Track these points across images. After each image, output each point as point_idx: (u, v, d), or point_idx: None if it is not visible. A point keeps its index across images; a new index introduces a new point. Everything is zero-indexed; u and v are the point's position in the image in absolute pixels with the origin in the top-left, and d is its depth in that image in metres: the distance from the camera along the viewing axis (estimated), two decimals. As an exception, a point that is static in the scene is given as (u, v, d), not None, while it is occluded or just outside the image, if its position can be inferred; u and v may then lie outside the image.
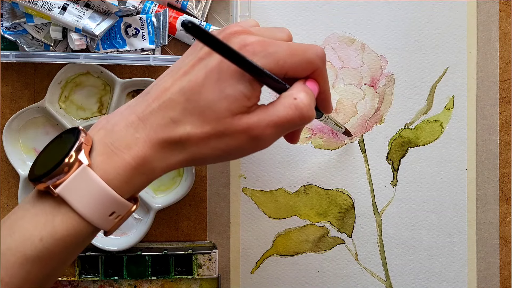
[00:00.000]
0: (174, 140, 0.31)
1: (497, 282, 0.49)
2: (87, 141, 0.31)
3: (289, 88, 0.33)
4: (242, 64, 0.30)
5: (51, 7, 0.42)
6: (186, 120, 0.31)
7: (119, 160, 0.30)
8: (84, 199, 0.30)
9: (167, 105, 0.31)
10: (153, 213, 0.47)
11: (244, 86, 0.31)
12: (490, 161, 0.49)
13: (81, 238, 0.31)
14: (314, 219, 0.49)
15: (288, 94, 0.32)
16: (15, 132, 0.47)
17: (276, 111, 0.31)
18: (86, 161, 0.30)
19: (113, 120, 0.32)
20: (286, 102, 0.32)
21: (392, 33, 0.49)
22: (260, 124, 0.31)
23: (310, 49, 0.33)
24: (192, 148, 0.31)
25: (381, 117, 0.49)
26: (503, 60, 0.49)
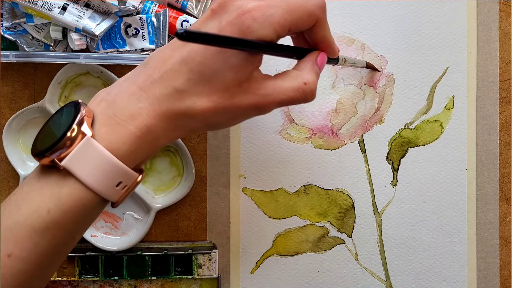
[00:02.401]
0: (180, 112, 0.31)
1: (497, 282, 0.49)
2: (89, 113, 0.31)
3: (300, 65, 0.34)
4: (248, 47, 0.30)
5: (51, 7, 0.42)
6: (192, 90, 0.30)
7: (123, 130, 0.30)
8: (90, 170, 0.30)
9: (169, 76, 0.31)
10: (153, 213, 0.47)
11: (247, 53, 0.31)
12: (490, 161, 0.49)
13: (89, 209, 0.30)
14: (314, 219, 0.49)
15: (300, 75, 0.33)
16: (15, 132, 0.47)
17: (285, 90, 0.32)
18: (90, 132, 0.30)
19: (113, 91, 0.32)
20: (296, 84, 0.33)
21: (392, 33, 0.49)
22: (266, 99, 0.32)
23: (309, 1, 0.32)
24: (198, 118, 0.31)
25: (381, 117, 0.49)
26: (503, 60, 0.49)
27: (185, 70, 0.30)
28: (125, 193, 0.32)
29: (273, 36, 0.31)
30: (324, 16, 0.34)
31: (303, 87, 0.33)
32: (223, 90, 0.31)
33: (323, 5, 0.33)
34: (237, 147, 0.48)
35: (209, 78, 0.30)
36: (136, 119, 0.30)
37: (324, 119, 0.49)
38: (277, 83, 0.32)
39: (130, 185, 0.31)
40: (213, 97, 0.31)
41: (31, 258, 0.30)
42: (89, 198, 0.30)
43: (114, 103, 0.31)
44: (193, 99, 0.30)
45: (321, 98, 0.49)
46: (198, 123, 0.31)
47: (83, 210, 0.30)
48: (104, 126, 0.30)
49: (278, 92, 0.32)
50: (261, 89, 0.32)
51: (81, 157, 0.30)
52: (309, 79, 0.33)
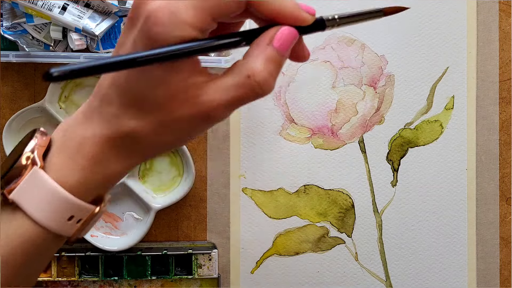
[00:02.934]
0: (122, 136, 0.28)
1: (497, 282, 0.49)
2: (44, 142, 0.29)
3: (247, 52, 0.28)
4: (147, 63, 0.26)
5: (51, 7, 0.42)
6: (127, 114, 0.28)
7: (72, 161, 0.29)
8: (37, 203, 0.28)
9: (105, 101, 0.29)
10: (153, 213, 0.47)
11: (169, 62, 0.27)
12: (490, 161, 0.49)
13: (41, 246, 0.29)
14: (314, 219, 0.49)
15: (243, 67, 0.28)
16: (15, 132, 0.47)
17: (227, 89, 0.27)
18: (39, 163, 0.28)
19: (69, 120, 0.30)
20: (237, 79, 0.27)
21: (392, 33, 0.49)
22: (209, 106, 0.27)
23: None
24: (143, 141, 0.29)
25: (381, 117, 0.49)
26: (503, 60, 0.49)
27: (115, 94, 0.28)
28: (81, 227, 0.29)
29: (192, 33, 0.26)
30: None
31: (247, 81, 0.27)
32: (158, 108, 0.28)
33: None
34: (237, 147, 0.48)
35: (140, 99, 0.28)
36: (83, 149, 0.29)
37: (324, 119, 0.49)
38: (219, 84, 0.28)
39: (86, 219, 0.29)
40: (149, 118, 0.28)
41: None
42: (39, 233, 0.28)
43: (66, 131, 0.30)
44: (130, 122, 0.28)
45: (321, 98, 0.49)
46: (147, 147, 0.29)
47: (34, 246, 0.28)
48: (56, 157, 0.29)
49: (220, 94, 0.27)
50: (202, 96, 0.27)
51: (28, 189, 0.28)
52: (255, 68, 0.27)
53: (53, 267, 0.47)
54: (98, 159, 0.29)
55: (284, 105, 0.49)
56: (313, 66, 0.49)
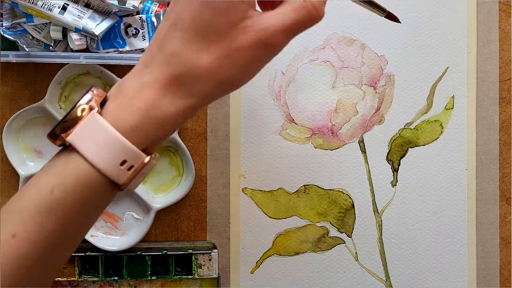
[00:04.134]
0: (183, 74, 0.29)
1: (497, 282, 0.49)
2: (100, 93, 0.30)
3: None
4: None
5: (51, 7, 0.42)
6: (189, 50, 0.29)
7: (129, 106, 0.29)
8: (93, 145, 0.29)
9: (164, 43, 0.30)
10: (153, 213, 0.47)
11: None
12: (490, 161, 0.49)
13: (94, 191, 0.29)
14: (314, 219, 0.49)
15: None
16: (15, 132, 0.47)
17: (285, 14, 0.29)
18: (96, 108, 0.29)
19: (126, 76, 0.31)
20: (295, 4, 0.30)
21: (392, 33, 0.49)
22: (268, 31, 0.29)
23: None
24: (205, 77, 0.29)
25: (381, 117, 0.49)
26: (503, 60, 0.49)
27: (177, 32, 0.29)
28: (132, 174, 0.30)
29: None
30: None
31: (304, 4, 0.29)
32: (220, 38, 0.29)
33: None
34: (237, 147, 0.48)
35: (203, 31, 0.29)
36: (141, 94, 0.29)
37: (324, 119, 0.49)
38: (275, 12, 0.30)
39: (138, 167, 0.30)
40: (212, 49, 0.29)
41: (36, 240, 0.29)
42: (93, 176, 0.29)
43: (122, 84, 0.31)
44: (193, 58, 0.29)
45: (321, 98, 0.49)
46: (207, 83, 0.29)
47: (88, 190, 0.29)
48: (112, 103, 0.30)
49: (278, 19, 0.29)
50: (260, 24, 0.29)
51: (85, 132, 0.29)
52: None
53: (53, 267, 0.47)
54: (155, 102, 0.29)
55: (284, 105, 0.49)
56: (313, 66, 0.49)
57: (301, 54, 0.49)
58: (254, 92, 0.48)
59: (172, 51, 0.29)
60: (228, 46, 0.29)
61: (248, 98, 0.48)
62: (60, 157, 0.30)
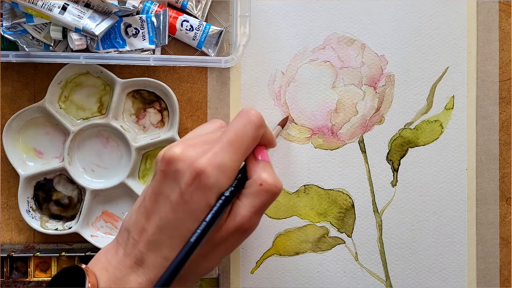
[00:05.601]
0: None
1: (497, 282, 0.49)
2: (93, 285, 0.33)
3: (248, 174, 0.36)
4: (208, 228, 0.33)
5: (51, 7, 0.42)
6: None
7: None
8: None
9: (155, 246, 0.34)
10: (153, 213, 0.47)
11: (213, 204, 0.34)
12: (490, 161, 0.49)
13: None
14: (314, 219, 0.49)
15: (253, 182, 0.35)
16: (15, 132, 0.47)
17: (252, 202, 0.35)
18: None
19: (113, 261, 0.35)
20: (255, 190, 0.35)
21: (392, 33, 0.49)
22: (244, 221, 0.35)
23: (247, 125, 0.35)
24: (194, 272, 0.35)
25: (381, 117, 0.49)
26: (503, 60, 0.49)
27: (165, 238, 0.34)
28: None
29: (235, 172, 0.35)
30: (265, 127, 0.37)
31: (262, 188, 0.35)
32: (206, 242, 0.34)
33: (260, 119, 0.36)
34: (237, 147, 0.48)
35: (188, 236, 0.33)
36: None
37: (324, 119, 0.49)
38: (243, 201, 0.35)
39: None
40: (198, 252, 0.34)
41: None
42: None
43: (115, 276, 0.34)
44: None
45: (321, 98, 0.49)
46: (196, 274, 0.36)
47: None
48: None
49: (247, 207, 0.35)
50: (236, 217, 0.35)
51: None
52: (262, 177, 0.35)
53: (53, 267, 0.47)
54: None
55: (284, 105, 0.49)
56: (313, 66, 0.49)
57: (301, 54, 0.49)
58: (254, 92, 0.48)
59: (165, 257, 0.34)
60: (211, 245, 0.35)
61: (248, 98, 0.48)
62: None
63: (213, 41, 0.47)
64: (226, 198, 0.34)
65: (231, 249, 0.37)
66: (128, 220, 0.36)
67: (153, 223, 0.34)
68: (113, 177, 0.47)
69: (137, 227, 0.35)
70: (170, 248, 0.34)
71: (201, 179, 0.33)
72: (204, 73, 0.48)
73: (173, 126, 0.47)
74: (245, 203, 0.35)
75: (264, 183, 0.35)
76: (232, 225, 0.35)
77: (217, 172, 0.33)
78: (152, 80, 0.46)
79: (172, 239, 0.33)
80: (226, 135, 0.35)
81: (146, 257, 0.34)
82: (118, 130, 0.47)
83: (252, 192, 0.35)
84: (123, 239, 0.36)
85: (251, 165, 0.37)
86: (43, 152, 0.48)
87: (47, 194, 0.48)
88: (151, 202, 0.35)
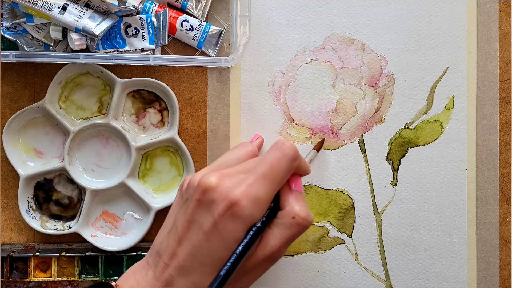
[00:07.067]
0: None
1: (497, 282, 0.49)
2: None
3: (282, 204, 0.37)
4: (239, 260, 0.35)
5: (51, 7, 0.42)
6: (209, 281, 0.35)
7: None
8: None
9: (185, 272, 0.35)
10: (153, 213, 0.47)
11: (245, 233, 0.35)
12: (490, 161, 0.49)
13: None
14: (314, 219, 0.49)
15: (286, 214, 0.36)
16: (15, 132, 0.47)
17: (283, 233, 0.36)
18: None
19: (142, 282, 0.36)
20: (287, 222, 0.36)
21: (392, 33, 0.49)
22: (274, 251, 0.36)
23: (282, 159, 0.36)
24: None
25: (381, 117, 0.49)
26: (503, 60, 0.49)
27: (196, 264, 0.35)
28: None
29: (268, 204, 0.36)
30: (299, 159, 0.38)
31: (294, 221, 0.36)
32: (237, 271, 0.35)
33: (295, 153, 0.37)
34: (237, 147, 0.48)
35: (219, 264, 0.34)
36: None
37: (324, 119, 0.49)
38: (275, 232, 0.36)
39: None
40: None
41: None
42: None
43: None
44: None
45: (321, 98, 0.49)
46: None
47: None
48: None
49: (279, 238, 0.36)
50: (266, 247, 0.36)
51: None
52: (295, 211, 0.36)
53: (53, 267, 0.47)
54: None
55: (284, 105, 0.49)
56: (313, 66, 0.49)
57: (301, 54, 0.49)
58: (254, 92, 0.48)
59: (194, 282, 0.35)
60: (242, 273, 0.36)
61: (248, 98, 0.48)
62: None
63: (213, 41, 0.47)
64: (257, 229, 0.35)
65: (258, 276, 0.38)
66: (159, 244, 0.37)
67: (185, 249, 0.35)
68: (113, 177, 0.47)
69: (168, 251, 0.36)
70: (200, 274, 0.34)
71: (235, 210, 0.34)
72: (204, 73, 0.48)
73: (173, 126, 0.47)
74: (276, 233, 0.36)
75: (297, 216, 0.36)
76: (261, 254, 0.36)
77: (251, 204, 0.34)
78: (152, 80, 0.46)
79: (203, 266, 0.34)
80: (261, 167, 0.36)
81: (175, 281, 0.35)
82: (118, 130, 0.47)
83: (284, 223, 0.36)
84: (153, 262, 0.37)
85: (284, 195, 0.38)
86: (43, 152, 0.48)
87: (47, 194, 0.48)
88: (183, 228, 0.36)
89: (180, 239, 0.36)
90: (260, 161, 0.37)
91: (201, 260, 0.34)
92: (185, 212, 0.36)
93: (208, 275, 0.34)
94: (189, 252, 0.35)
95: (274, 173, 0.36)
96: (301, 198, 0.38)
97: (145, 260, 0.39)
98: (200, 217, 0.35)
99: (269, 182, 0.35)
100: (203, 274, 0.34)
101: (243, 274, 0.36)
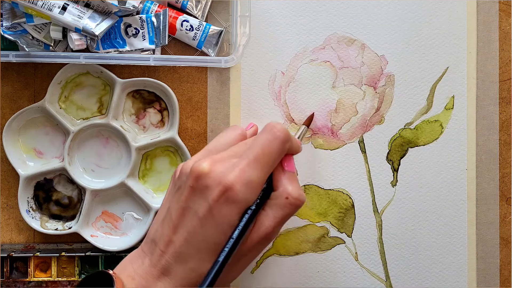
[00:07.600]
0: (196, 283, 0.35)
1: (497, 282, 0.49)
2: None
3: (275, 185, 0.37)
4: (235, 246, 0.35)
5: (51, 7, 0.42)
6: (205, 266, 0.35)
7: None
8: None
9: (182, 258, 0.35)
10: (153, 213, 0.47)
11: (239, 217, 0.35)
12: (490, 161, 0.49)
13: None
14: (314, 219, 0.49)
15: (279, 194, 0.37)
16: (15, 132, 0.47)
17: (277, 213, 0.36)
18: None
19: (139, 270, 0.36)
20: (281, 203, 0.36)
21: (392, 33, 0.49)
22: (268, 232, 0.36)
23: (273, 140, 0.36)
24: (220, 283, 0.35)
25: (381, 117, 0.49)
26: (503, 60, 0.49)
27: (193, 250, 0.35)
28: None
29: (261, 187, 0.36)
30: (290, 140, 0.38)
31: (287, 201, 0.36)
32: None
33: (286, 135, 0.37)
34: (237, 147, 0.48)
35: (215, 249, 0.35)
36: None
37: (324, 119, 0.49)
38: (267, 212, 0.37)
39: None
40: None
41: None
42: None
43: (141, 284, 0.35)
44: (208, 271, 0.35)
45: (321, 98, 0.49)
46: (219, 286, 0.36)
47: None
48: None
49: (272, 217, 0.36)
50: (261, 227, 0.36)
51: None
52: (288, 191, 0.37)
53: (53, 267, 0.47)
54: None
55: (284, 105, 0.49)
56: (313, 66, 0.49)
57: (301, 54, 0.49)
58: (254, 92, 0.48)
59: (191, 268, 0.35)
60: (238, 255, 0.36)
61: (248, 98, 0.48)
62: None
63: (213, 41, 0.47)
64: (252, 212, 0.35)
65: (254, 257, 0.38)
66: (155, 232, 0.37)
67: (180, 236, 0.35)
68: (113, 177, 0.47)
69: (163, 239, 0.36)
70: (197, 260, 0.35)
71: (230, 195, 0.34)
72: (204, 73, 0.48)
73: (173, 126, 0.47)
74: (270, 214, 0.36)
75: (289, 196, 0.36)
76: (256, 236, 0.36)
77: (245, 188, 0.34)
78: (152, 80, 0.46)
79: (199, 252, 0.35)
80: (253, 151, 0.36)
81: (172, 268, 0.35)
82: (118, 130, 0.47)
83: (277, 204, 0.36)
84: (149, 250, 0.37)
85: (277, 176, 0.38)
86: (43, 152, 0.48)
87: (47, 194, 0.48)
88: (178, 215, 0.36)
89: (175, 227, 0.36)
90: (252, 144, 0.37)
91: (197, 246, 0.34)
92: (178, 199, 0.36)
93: (205, 261, 0.35)
94: (185, 238, 0.35)
95: (266, 156, 0.36)
96: (294, 178, 0.38)
97: (141, 248, 0.38)
98: (194, 203, 0.35)
99: (261, 165, 0.35)
100: (200, 260, 0.35)
101: (240, 257, 0.36)
